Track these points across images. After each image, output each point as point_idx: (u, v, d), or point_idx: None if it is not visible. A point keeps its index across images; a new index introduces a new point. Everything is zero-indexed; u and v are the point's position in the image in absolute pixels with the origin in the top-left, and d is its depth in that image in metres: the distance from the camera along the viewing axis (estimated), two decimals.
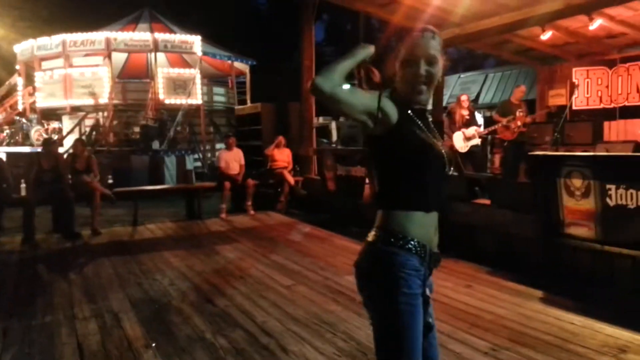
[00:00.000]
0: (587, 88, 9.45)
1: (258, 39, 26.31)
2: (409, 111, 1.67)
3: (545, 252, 4.56)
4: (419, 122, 1.68)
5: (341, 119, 24.44)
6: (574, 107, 9.23)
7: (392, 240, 1.61)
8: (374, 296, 1.64)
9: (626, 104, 8.89)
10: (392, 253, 1.60)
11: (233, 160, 8.74)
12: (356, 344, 3.23)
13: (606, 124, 8.59)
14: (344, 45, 33.93)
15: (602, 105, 9.18)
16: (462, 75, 18.51)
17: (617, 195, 3.92)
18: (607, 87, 9.25)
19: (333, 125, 22.36)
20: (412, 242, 1.61)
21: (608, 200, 3.98)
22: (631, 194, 3.82)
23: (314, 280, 4.68)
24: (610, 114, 8.98)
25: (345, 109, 1.54)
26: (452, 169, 1.72)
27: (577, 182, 4.21)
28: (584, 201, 4.17)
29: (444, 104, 11.46)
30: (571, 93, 8.58)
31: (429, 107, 1.81)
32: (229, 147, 8.89)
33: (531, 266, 4.67)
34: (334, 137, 20.90)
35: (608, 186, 3.97)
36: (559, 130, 7.08)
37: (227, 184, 8.41)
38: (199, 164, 14.20)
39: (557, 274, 4.41)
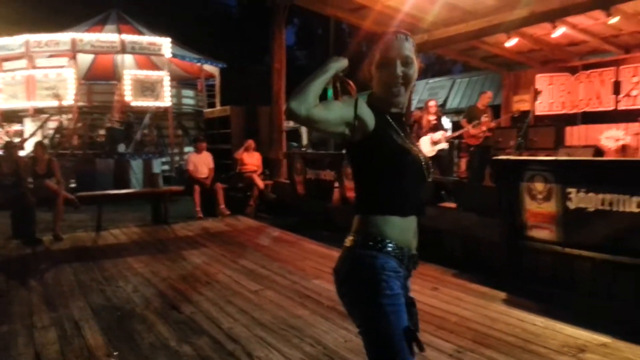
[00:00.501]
0: (550, 94, 9.72)
1: (228, 42, 26.15)
2: (387, 116, 1.68)
3: (509, 255, 4.65)
4: (396, 127, 1.68)
5: None
6: (537, 113, 9.47)
7: (371, 243, 1.61)
8: (357, 301, 1.62)
9: (587, 109, 9.18)
10: (371, 256, 1.59)
11: (202, 163, 8.64)
12: (323, 348, 3.22)
13: (568, 129, 8.85)
14: (315, 49, 34.07)
15: (564, 111, 9.46)
16: (430, 81, 18.78)
17: (578, 199, 4.02)
18: (569, 93, 9.53)
19: (303, 129, 22.34)
20: (390, 245, 1.61)
21: (569, 203, 4.08)
22: (590, 197, 3.93)
23: (282, 285, 4.65)
24: (572, 120, 9.26)
25: (323, 126, 1.53)
26: (430, 173, 1.73)
27: (539, 186, 4.31)
28: (546, 204, 4.27)
29: (412, 109, 11.61)
30: (535, 99, 8.80)
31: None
32: (198, 151, 8.79)
33: (496, 269, 4.75)
34: (304, 140, 20.87)
35: (569, 190, 4.07)
36: (523, 135, 7.25)
37: (197, 188, 8.31)
38: (166, 167, 13.97)
39: (521, 276, 4.50)
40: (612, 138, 8.29)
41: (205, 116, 12.35)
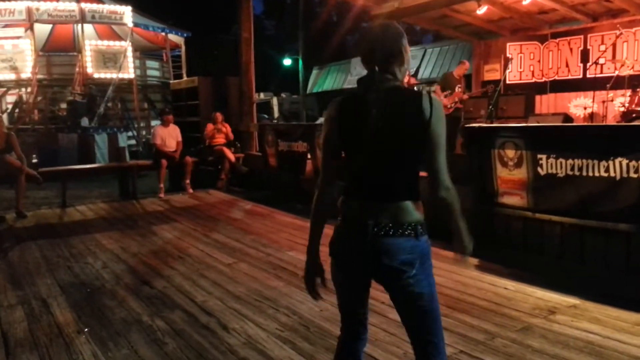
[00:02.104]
0: (520, 63, 9.77)
1: (194, 11, 25.36)
2: None
3: (480, 222, 4.70)
4: None
5: (283, 95, 24.22)
6: (507, 81, 9.53)
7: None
8: (428, 284, 1.77)
9: (556, 78, 9.26)
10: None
11: (169, 137, 8.41)
12: (299, 318, 3.21)
13: (538, 97, 8.94)
14: (284, 18, 33.42)
15: (534, 80, 9.53)
16: None
17: (548, 165, 4.07)
18: (539, 61, 9.59)
19: (274, 101, 22.11)
20: None
21: (539, 169, 4.13)
22: (560, 162, 3.98)
23: (255, 258, 4.61)
24: (541, 88, 9.35)
25: None
26: None
27: (510, 153, 4.34)
28: (517, 171, 4.31)
29: None
30: (505, 67, 8.84)
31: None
32: (165, 123, 8.54)
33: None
34: (276, 113, 20.64)
35: (539, 156, 4.11)
36: (494, 103, 7.29)
37: (164, 162, 8.10)
38: (133, 141, 13.61)
39: (492, 242, 4.57)
40: (580, 106, 8.43)
41: (171, 88, 11.99)
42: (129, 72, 14.29)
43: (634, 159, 3.57)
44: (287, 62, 26.76)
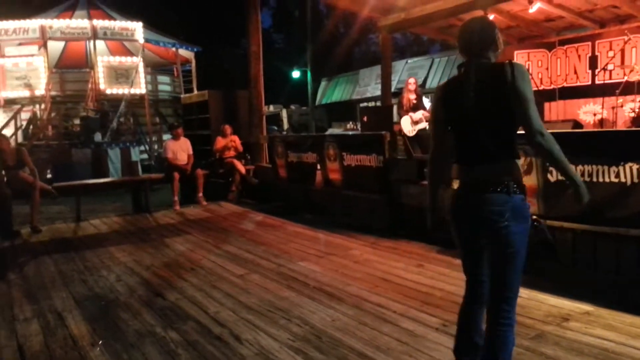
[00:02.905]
0: (528, 70, 9.77)
1: (203, 25, 25.68)
2: None
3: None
4: None
5: (292, 107, 24.35)
6: None
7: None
8: (521, 233, 2.06)
9: (565, 85, 9.25)
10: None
11: (181, 150, 8.51)
12: (310, 328, 3.22)
13: (547, 104, 8.92)
14: (292, 31, 33.72)
15: (542, 87, 9.51)
16: (409, 61, 18.78)
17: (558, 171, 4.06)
18: (547, 69, 9.58)
19: (284, 113, 22.23)
20: None
21: (549, 176, 4.13)
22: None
23: (267, 268, 4.63)
24: (550, 95, 9.32)
25: None
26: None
27: (520, 160, 4.33)
28: (527, 178, 4.30)
29: (393, 89, 11.58)
30: None
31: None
32: (176, 137, 8.65)
33: None
34: (285, 125, 20.75)
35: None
36: None
37: (176, 175, 8.19)
38: (145, 155, 13.76)
39: None
40: (590, 112, 8.39)
41: (182, 102, 12.15)
42: (140, 88, 14.50)
43: None
44: (295, 74, 26.93)
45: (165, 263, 4.99)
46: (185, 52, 16.61)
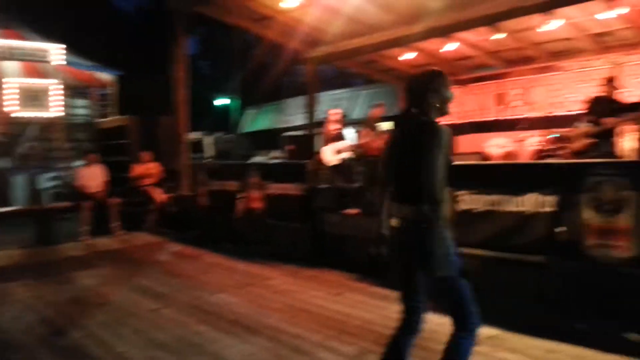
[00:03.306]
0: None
1: (126, 49, 24.96)
2: None
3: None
4: None
5: (217, 134, 24.02)
6: None
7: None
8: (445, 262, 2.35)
9: (474, 120, 9.86)
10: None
11: (94, 177, 8.09)
12: None
13: (458, 137, 9.44)
14: (220, 59, 33.56)
15: (454, 121, 10.08)
16: (333, 92, 19.25)
17: (467, 201, 4.27)
18: (460, 104, 10.19)
19: (208, 140, 21.84)
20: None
21: (458, 205, 4.32)
22: (478, 198, 4.19)
23: (182, 302, 4.44)
24: (461, 129, 9.89)
25: None
26: None
27: None
28: None
29: (317, 119, 11.78)
30: None
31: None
32: (88, 164, 8.22)
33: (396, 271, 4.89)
34: (209, 152, 20.40)
35: (458, 192, 4.31)
36: None
37: (88, 204, 7.74)
38: (56, 182, 12.92)
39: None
40: (497, 145, 8.97)
41: (99, 127, 11.62)
42: (54, 111, 13.70)
43: (543, 194, 3.84)
44: (221, 101, 26.71)
45: (70, 299, 4.64)
46: (104, 76, 15.94)
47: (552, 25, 6.78)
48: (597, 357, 2.95)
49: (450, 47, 8.20)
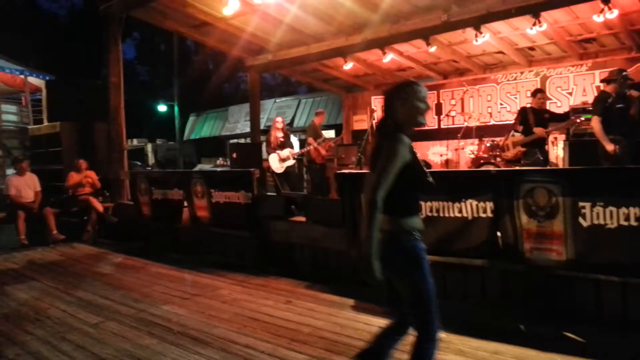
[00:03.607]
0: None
1: (57, 53, 23.87)
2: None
3: (354, 263, 4.90)
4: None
5: (158, 141, 23.42)
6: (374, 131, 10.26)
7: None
8: (405, 272, 2.39)
9: (416, 128, 10.20)
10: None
11: (26, 186, 7.69)
12: None
13: None
14: (158, 64, 32.75)
15: None
16: (277, 100, 19.28)
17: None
18: None
19: (149, 147, 21.27)
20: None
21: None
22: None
23: (125, 314, 4.30)
24: None
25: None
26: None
27: None
28: None
29: (262, 127, 11.78)
30: (371, 118, 9.52)
31: None
32: (20, 172, 7.81)
33: (343, 277, 4.99)
34: (151, 160, 19.85)
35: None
36: (362, 151, 7.79)
37: (21, 214, 7.35)
38: None
39: (365, 282, 4.77)
40: (437, 153, 9.33)
41: (30, 133, 11.04)
42: None
43: (482, 201, 4.04)
44: (162, 108, 26.04)
45: (3, 314, 4.38)
46: (35, 80, 15.17)
47: (482, 40, 7.16)
48: (539, 357, 3.12)
49: (389, 58, 8.47)
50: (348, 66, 9.07)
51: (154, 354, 3.41)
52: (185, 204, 7.01)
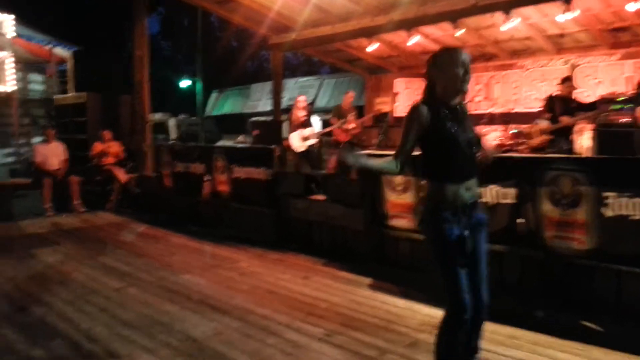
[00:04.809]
0: (407, 97, 10.51)
1: (84, 24, 24.04)
2: (444, 109, 2.32)
3: (372, 243, 4.94)
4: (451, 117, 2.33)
5: (180, 116, 23.58)
6: (396, 114, 10.20)
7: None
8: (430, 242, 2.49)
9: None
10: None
11: (52, 154, 7.84)
12: (192, 342, 3.13)
13: None
14: (181, 40, 32.80)
15: None
16: (300, 80, 19.22)
17: None
18: None
19: (172, 122, 21.42)
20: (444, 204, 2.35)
21: (423, 194, 4.45)
22: None
23: (147, 281, 4.41)
24: None
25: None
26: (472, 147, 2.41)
27: (398, 179, 4.65)
28: (405, 195, 4.62)
29: (283, 106, 11.78)
30: (393, 101, 9.45)
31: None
32: (46, 140, 7.96)
33: (361, 256, 5.02)
34: (173, 134, 20.03)
35: (423, 182, 4.44)
36: (384, 133, 7.75)
37: (47, 181, 7.52)
38: (11, 159, 12.43)
39: (383, 262, 4.81)
40: None
41: (56, 103, 11.23)
42: (7, 86, 13.11)
43: (504, 187, 4.01)
44: (184, 83, 26.14)
45: (30, 276, 4.53)
46: (61, 51, 15.32)
47: (511, 25, 7.02)
48: (555, 343, 3.12)
49: (414, 40, 8.35)
50: (372, 47, 8.97)
51: (175, 320, 3.50)
52: (206, 178, 7.09)
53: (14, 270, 4.67)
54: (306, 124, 8.40)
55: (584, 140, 7.48)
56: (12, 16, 13.29)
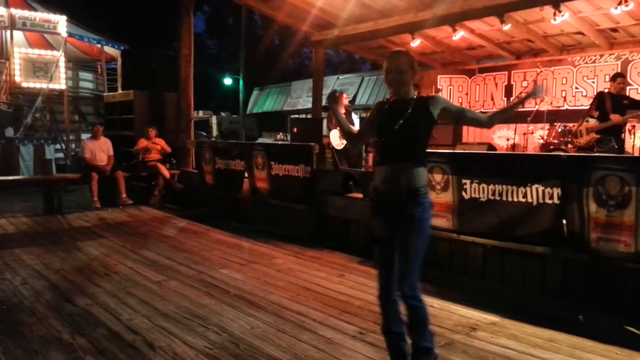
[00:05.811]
0: (449, 94, 10.31)
1: (132, 23, 24.81)
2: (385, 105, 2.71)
3: None
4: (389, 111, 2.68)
5: (222, 114, 24.02)
6: None
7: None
8: None
9: (482, 110, 9.85)
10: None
11: (100, 150, 8.14)
12: (229, 335, 3.18)
13: (465, 127, 9.45)
14: (225, 38, 33.38)
15: None
16: (340, 77, 19.19)
17: (472, 189, 4.32)
18: (467, 94, 10.17)
19: (214, 119, 21.86)
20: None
21: (464, 193, 4.37)
22: (483, 188, 4.24)
23: (187, 275, 4.52)
24: None
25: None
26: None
27: (437, 177, 4.57)
28: (444, 194, 4.54)
29: (324, 103, 11.79)
30: None
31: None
32: (95, 136, 8.27)
33: None
34: (215, 131, 20.40)
35: (464, 181, 4.36)
36: None
37: (95, 176, 7.82)
38: (61, 154, 12.98)
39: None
40: (503, 137, 8.99)
41: (105, 100, 11.64)
42: (60, 83, 13.69)
43: (549, 186, 3.87)
44: (227, 81, 26.61)
45: (76, 267, 4.72)
46: (110, 50, 15.90)
47: (561, 19, 6.76)
48: (596, 348, 3.01)
49: (459, 35, 8.18)
50: (415, 43, 8.85)
51: (212, 313, 3.57)
52: (246, 174, 7.19)
53: (62, 262, 4.88)
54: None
55: (636, 140, 7.13)
56: (65, 17, 13.84)
